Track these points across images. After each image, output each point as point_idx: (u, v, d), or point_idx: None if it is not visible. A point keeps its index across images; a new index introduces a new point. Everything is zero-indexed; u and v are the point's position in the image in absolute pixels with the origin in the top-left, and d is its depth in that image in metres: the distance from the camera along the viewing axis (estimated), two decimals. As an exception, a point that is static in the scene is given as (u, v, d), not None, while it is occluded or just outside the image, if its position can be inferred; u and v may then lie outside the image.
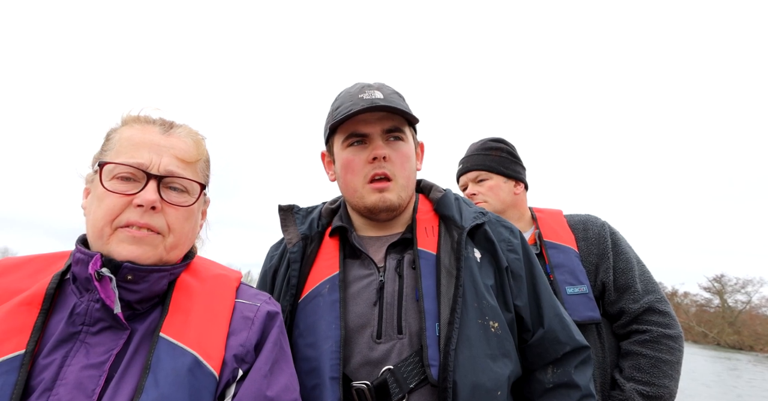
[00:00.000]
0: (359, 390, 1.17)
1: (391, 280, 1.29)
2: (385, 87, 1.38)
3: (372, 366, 1.20)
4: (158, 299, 1.02)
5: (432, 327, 1.19)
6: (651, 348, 1.72)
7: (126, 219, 0.96)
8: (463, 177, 2.13)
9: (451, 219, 1.35)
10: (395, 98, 1.35)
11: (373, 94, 1.32)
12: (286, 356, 1.07)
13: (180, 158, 1.02)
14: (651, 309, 1.77)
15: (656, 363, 1.69)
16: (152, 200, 0.96)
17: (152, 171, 0.98)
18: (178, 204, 1.01)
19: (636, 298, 1.79)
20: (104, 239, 0.96)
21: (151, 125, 1.05)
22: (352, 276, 1.32)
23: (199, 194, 1.05)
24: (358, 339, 1.23)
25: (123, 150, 1.00)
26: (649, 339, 1.73)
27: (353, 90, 1.37)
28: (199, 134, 1.13)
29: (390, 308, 1.25)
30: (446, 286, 1.24)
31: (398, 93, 1.40)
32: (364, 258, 1.34)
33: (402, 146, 1.34)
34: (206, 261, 1.17)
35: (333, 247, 1.39)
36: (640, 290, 1.80)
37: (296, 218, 1.47)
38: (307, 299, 1.31)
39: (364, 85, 1.37)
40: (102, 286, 0.92)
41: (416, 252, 1.31)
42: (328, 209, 1.50)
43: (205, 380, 0.92)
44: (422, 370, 1.17)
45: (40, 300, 0.95)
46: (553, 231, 1.94)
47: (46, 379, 0.87)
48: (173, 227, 1.00)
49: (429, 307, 1.22)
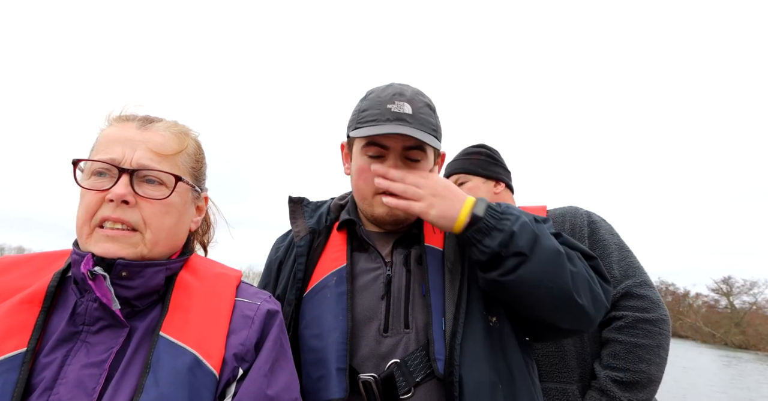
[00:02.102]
0: (366, 382, 1.18)
1: (399, 274, 1.30)
2: (417, 98, 1.31)
3: (379, 359, 1.20)
4: (157, 296, 1.01)
5: (438, 322, 1.20)
6: (626, 333, 1.65)
7: (101, 215, 0.96)
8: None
9: None
10: (425, 114, 1.29)
11: (402, 107, 1.26)
12: (287, 355, 1.07)
13: (155, 151, 1.01)
14: (628, 294, 1.70)
15: (631, 348, 1.63)
16: (121, 194, 0.95)
17: (124, 165, 0.97)
18: (153, 197, 0.99)
19: (613, 284, 1.72)
20: (83, 239, 0.97)
21: (130, 122, 1.04)
22: (360, 269, 1.33)
23: (174, 185, 1.02)
24: (365, 332, 1.23)
25: (100, 148, 1.00)
26: (624, 324, 1.67)
27: (383, 95, 1.30)
28: (185, 127, 1.10)
29: (397, 302, 1.26)
30: (451, 281, 1.25)
31: (430, 106, 1.34)
32: (372, 251, 1.35)
33: (418, 166, 1.30)
34: (206, 260, 1.17)
35: (341, 240, 1.40)
36: (618, 275, 1.74)
37: (305, 211, 1.47)
38: (313, 292, 1.31)
39: (396, 93, 1.30)
40: (97, 285, 0.92)
41: (423, 248, 1.32)
42: (336, 204, 1.50)
43: (206, 379, 0.92)
44: (428, 364, 1.18)
45: (41, 299, 0.95)
46: None
47: (46, 378, 0.87)
48: (149, 222, 0.98)
49: (435, 302, 1.23)
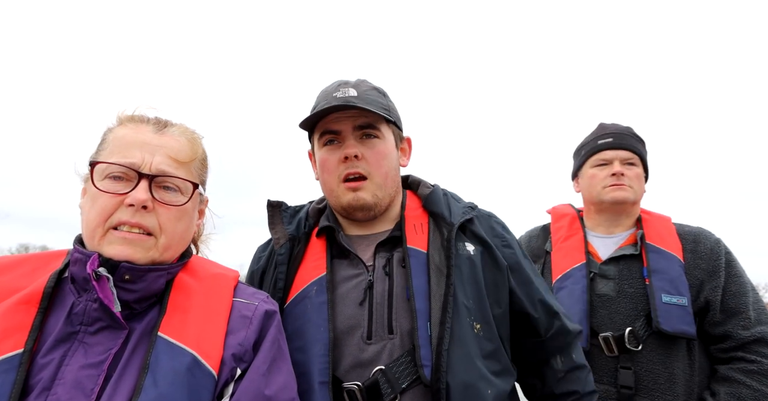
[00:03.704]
0: (350, 391, 1.16)
1: (381, 279, 1.27)
2: (364, 84, 1.36)
3: (363, 368, 1.19)
4: (156, 298, 1.02)
5: (424, 327, 1.18)
6: (757, 380, 1.62)
7: (118, 219, 0.96)
8: (613, 152, 1.90)
9: (440, 216, 1.34)
10: (372, 95, 1.33)
11: (347, 91, 1.30)
12: (284, 355, 1.07)
13: (173, 158, 1.02)
14: (763, 340, 1.66)
15: (759, 397, 1.60)
16: (143, 200, 0.95)
17: (144, 170, 0.98)
18: (171, 203, 1.00)
19: (747, 325, 1.68)
20: (96, 240, 0.97)
21: (144, 124, 1.05)
22: (340, 277, 1.31)
23: (192, 193, 1.04)
24: (348, 341, 1.22)
25: (116, 150, 1.00)
26: (756, 370, 1.63)
27: (329, 88, 1.36)
28: (195, 133, 1.12)
29: (380, 308, 1.24)
30: (437, 285, 1.22)
31: (378, 89, 1.38)
32: (353, 258, 1.32)
33: (377, 143, 1.32)
34: (204, 261, 1.17)
35: (320, 247, 1.37)
36: (752, 317, 1.69)
37: (284, 217, 1.44)
38: (294, 302, 1.29)
39: (341, 83, 1.35)
40: (100, 286, 0.92)
41: (405, 250, 1.29)
42: (315, 208, 1.47)
43: (204, 379, 0.92)
44: (415, 370, 1.16)
45: (38, 299, 0.95)
46: (658, 236, 1.84)
47: (44, 378, 0.87)
48: (165, 227, 0.99)
49: (420, 306, 1.21)
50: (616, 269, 1.83)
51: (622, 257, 1.84)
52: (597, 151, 1.93)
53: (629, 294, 1.77)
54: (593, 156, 1.94)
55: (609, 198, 1.86)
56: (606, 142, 1.92)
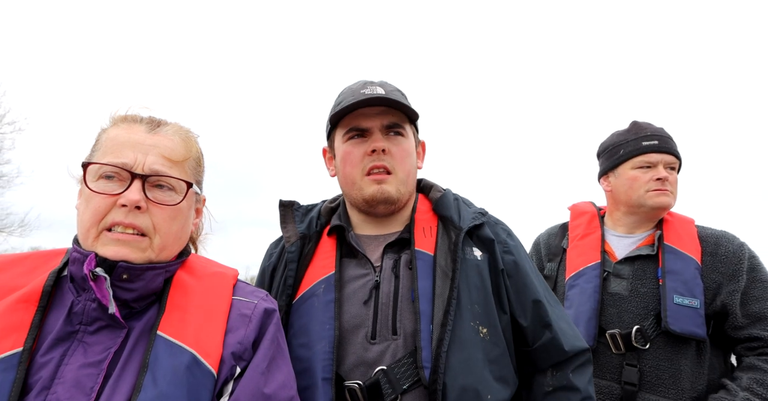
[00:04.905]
0: (351, 389, 1.17)
1: (387, 280, 1.28)
2: (388, 84, 1.40)
3: (366, 367, 1.20)
4: (155, 296, 1.02)
5: (426, 329, 1.19)
6: None
7: (111, 220, 0.95)
8: (659, 155, 1.85)
9: (450, 220, 1.35)
10: (397, 95, 1.36)
11: (374, 89, 1.33)
12: (284, 353, 1.07)
13: (166, 157, 1.01)
14: None
15: None
16: (135, 200, 0.95)
17: (137, 170, 0.97)
18: (165, 203, 1.00)
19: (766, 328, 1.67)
20: (90, 241, 0.96)
21: (137, 124, 1.04)
22: (348, 276, 1.32)
23: (186, 192, 1.03)
24: (353, 340, 1.23)
25: (108, 150, 1.00)
26: None
27: (355, 86, 1.38)
28: (190, 131, 1.11)
29: (385, 308, 1.25)
30: (441, 287, 1.23)
31: (400, 91, 1.41)
32: (361, 258, 1.34)
33: (402, 141, 1.35)
34: (203, 259, 1.17)
35: (330, 246, 1.38)
36: None
37: (295, 216, 1.46)
38: (302, 300, 1.31)
39: (367, 82, 1.39)
40: (97, 286, 0.92)
41: (413, 252, 1.30)
42: (327, 208, 1.49)
43: (204, 378, 0.92)
44: (416, 372, 1.17)
45: (37, 298, 0.95)
46: (677, 237, 1.82)
47: (44, 377, 0.87)
48: (159, 227, 0.99)
49: (424, 308, 1.21)
50: (631, 269, 1.82)
51: (638, 258, 1.83)
52: (642, 153, 1.86)
53: (641, 294, 1.76)
54: (636, 157, 1.87)
55: (652, 203, 1.83)
56: (652, 144, 1.86)
